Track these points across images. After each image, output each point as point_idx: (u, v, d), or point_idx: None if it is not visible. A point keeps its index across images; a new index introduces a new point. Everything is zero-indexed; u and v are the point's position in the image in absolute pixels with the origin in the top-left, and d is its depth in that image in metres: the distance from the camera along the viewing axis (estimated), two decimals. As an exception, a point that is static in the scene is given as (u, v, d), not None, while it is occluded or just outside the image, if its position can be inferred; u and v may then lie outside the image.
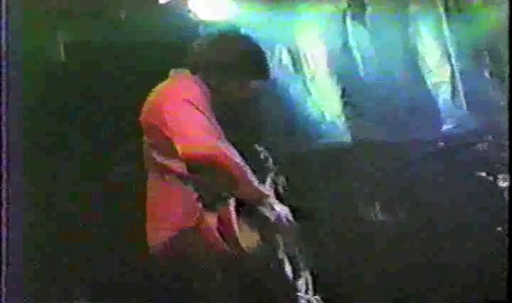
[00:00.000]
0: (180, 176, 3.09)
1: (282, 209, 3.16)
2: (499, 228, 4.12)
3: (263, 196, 3.11)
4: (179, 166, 3.07)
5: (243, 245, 2.96)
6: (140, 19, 4.57)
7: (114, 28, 4.58)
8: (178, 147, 2.97)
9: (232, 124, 3.20)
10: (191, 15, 4.53)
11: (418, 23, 4.71)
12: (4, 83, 3.71)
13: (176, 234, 3.05)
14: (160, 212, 3.14)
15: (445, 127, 4.83)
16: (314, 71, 5.00)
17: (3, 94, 3.54)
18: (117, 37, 4.59)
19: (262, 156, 3.51)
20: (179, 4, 4.51)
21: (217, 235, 2.98)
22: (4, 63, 3.63)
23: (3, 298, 3.08)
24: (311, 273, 3.50)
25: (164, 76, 3.33)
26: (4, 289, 3.04)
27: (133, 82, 4.20)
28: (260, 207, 3.08)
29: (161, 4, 4.50)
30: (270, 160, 3.52)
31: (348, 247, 4.79)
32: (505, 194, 4.07)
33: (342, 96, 4.97)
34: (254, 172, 3.09)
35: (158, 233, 3.12)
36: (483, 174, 4.20)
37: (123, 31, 4.58)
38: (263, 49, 3.39)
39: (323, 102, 5.06)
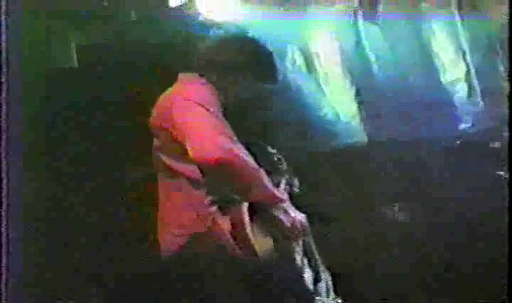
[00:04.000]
0: (191, 180, 3.04)
1: (297, 214, 3.11)
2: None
3: (278, 200, 3.05)
4: (190, 170, 3.02)
5: (257, 250, 2.90)
6: (150, 21, 4.56)
7: (124, 30, 4.57)
8: (189, 150, 2.92)
9: (245, 126, 3.15)
10: (201, 17, 4.50)
11: (431, 20, 4.66)
12: (16, 87, 3.71)
13: (188, 239, 3.00)
14: (172, 217, 3.10)
15: (462, 126, 4.78)
16: (327, 71, 4.97)
17: (15, 98, 3.53)
18: (128, 39, 4.57)
19: (275, 158, 3.45)
20: (189, 6, 4.49)
21: (231, 240, 2.93)
22: (15, 67, 3.62)
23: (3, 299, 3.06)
24: (332, 276, 3.46)
25: (174, 78, 3.30)
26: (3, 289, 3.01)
27: (144, 84, 4.16)
28: (274, 212, 3.03)
29: (171, 7, 4.48)
30: (284, 162, 3.46)
31: (368, 248, 4.76)
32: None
33: (357, 96, 4.94)
34: (268, 174, 3.04)
35: (171, 238, 3.08)
36: (501, 172, 4.13)
37: (133, 33, 4.56)
38: (273, 51, 3.34)
39: (337, 102, 5.04)
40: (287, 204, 3.08)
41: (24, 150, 3.98)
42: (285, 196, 3.15)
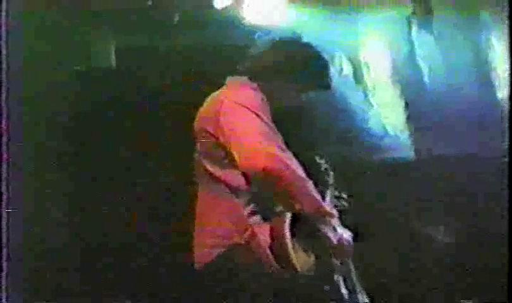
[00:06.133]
0: (233, 188, 2.92)
1: (344, 232, 2.98)
2: None
3: (327, 214, 2.92)
4: (232, 177, 2.92)
5: (297, 266, 2.75)
6: (193, 23, 4.47)
7: (166, 32, 4.48)
8: (236, 156, 2.81)
9: (291, 134, 3.01)
10: (247, 20, 4.39)
11: (490, 30, 4.47)
12: (51, 87, 3.76)
13: (224, 251, 2.88)
14: (210, 227, 2.98)
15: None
16: (376, 81, 4.83)
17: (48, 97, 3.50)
18: (170, 42, 4.49)
19: (322, 169, 3.31)
20: (235, 9, 4.38)
21: (269, 253, 2.80)
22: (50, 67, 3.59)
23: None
24: (369, 296, 3.31)
25: (218, 81, 3.21)
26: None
27: (187, 88, 4.11)
28: (321, 227, 2.89)
29: (216, 9, 4.38)
30: (331, 174, 3.32)
31: (409, 270, 4.58)
32: None
33: (406, 108, 4.78)
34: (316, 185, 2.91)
35: (206, 249, 2.96)
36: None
37: (176, 36, 4.48)
38: (328, 59, 3.26)
39: (385, 114, 4.88)
40: (336, 220, 2.96)
41: (54, 150, 4.00)
42: (334, 211, 3.02)
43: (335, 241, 2.90)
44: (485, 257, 4.44)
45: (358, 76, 4.85)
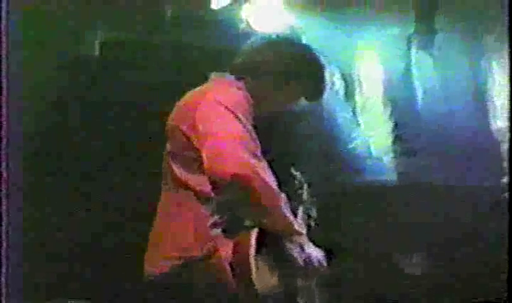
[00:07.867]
0: (199, 195, 2.67)
1: (314, 251, 2.74)
2: None
3: (295, 232, 2.67)
4: (199, 184, 2.66)
5: (257, 287, 2.51)
6: (186, 20, 4.36)
7: (157, 26, 4.37)
8: (205, 158, 2.55)
9: (269, 141, 2.82)
10: (243, 24, 4.32)
11: (492, 57, 4.34)
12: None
13: (180, 263, 2.64)
14: (168, 234, 2.74)
15: (505, 179, 4.43)
16: (367, 99, 4.72)
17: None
18: (160, 36, 4.37)
19: (296, 182, 3.09)
20: (233, 12, 4.32)
21: (228, 271, 2.56)
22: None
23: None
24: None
25: (203, 80, 2.98)
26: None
27: (170, 84, 3.92)
28: (287, 245, 2.65)
29: (213, 9, 4.30)
30: (305, 188, 3.09)
31: (375, 298, 4.45)
32: None
33: (394, 129, 4.66)
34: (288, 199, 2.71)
35: (159, 259, 2.72)
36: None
37: (167, 30, 4.37)
38: (323, 63, 3.00)
39: (371, 135, 4.77)
40: (304, 238, 2.72)
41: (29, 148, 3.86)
42: (303, 229, 2.78)
43: (301, 262, 2.67)
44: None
45: (348, 92, 4.74)
